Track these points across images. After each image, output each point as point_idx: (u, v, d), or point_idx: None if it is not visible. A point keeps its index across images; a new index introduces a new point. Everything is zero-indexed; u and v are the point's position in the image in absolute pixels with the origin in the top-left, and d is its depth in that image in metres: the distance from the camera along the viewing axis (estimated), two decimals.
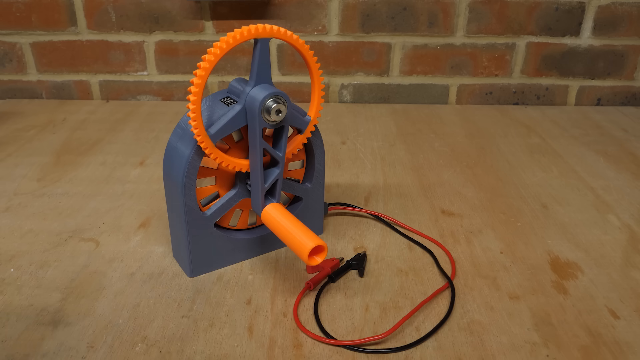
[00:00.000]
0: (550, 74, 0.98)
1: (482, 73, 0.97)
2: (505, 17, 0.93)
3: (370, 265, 0.54)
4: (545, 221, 0.62)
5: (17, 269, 0.52)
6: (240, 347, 0.44)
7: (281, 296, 0.49)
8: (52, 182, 0.69)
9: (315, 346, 0.44)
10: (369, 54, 0.96)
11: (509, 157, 0.78)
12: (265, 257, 0.55)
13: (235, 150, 0.50)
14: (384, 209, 0.64)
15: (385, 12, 0.93)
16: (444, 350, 0.44)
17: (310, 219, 0.56)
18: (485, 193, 0.68)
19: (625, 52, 0.96)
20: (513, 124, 0.90)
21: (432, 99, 1.00)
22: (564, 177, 0.72)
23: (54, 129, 0.85)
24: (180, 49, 0.95)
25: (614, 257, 0.56)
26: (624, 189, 0.69)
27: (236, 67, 0.96)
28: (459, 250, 0.56)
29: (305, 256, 0.44)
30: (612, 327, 0.46)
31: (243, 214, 0.53)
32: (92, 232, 0.58)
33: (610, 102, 1.00)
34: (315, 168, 0.54)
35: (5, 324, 0.45)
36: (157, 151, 0.78)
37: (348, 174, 0.72)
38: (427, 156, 0.78)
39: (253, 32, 0.44)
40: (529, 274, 0.53)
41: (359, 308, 0.48)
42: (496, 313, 0.48)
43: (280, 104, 0.46)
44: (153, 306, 0.48)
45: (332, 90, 0.99)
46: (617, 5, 0.93)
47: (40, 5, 0.91)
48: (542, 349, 0.44)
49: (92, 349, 0.43)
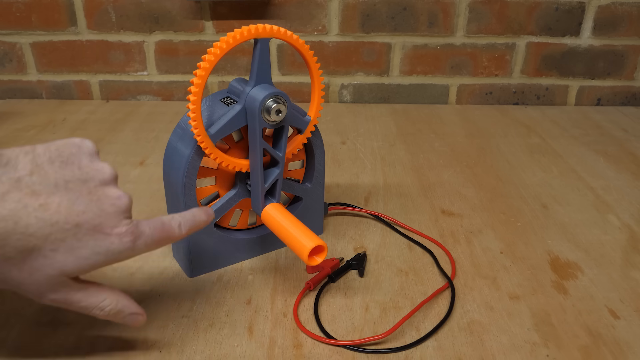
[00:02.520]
0: (550, 74, 0.98)
1: (482, 73, 0.97)
2: (505, 17, 0.93)
3: (370, 265, 0.54)
4: (545, 221, 0.62)
5: None
6: (240, 347, 0.44)
7: (281, 296, 0.49)
8: None
9: (315, 346, 0.44)
10: (369, 54, 0.96)
11: (509, 157, 0.78)
12: (265, 257, 0.55)
13: (235, 150, 0.50)
14: (384, 209, 0.64)
15: (385, 12, 0.93)
16: (444, 350, 0.44)
17: (310, 219, 0.56)
18: (485, 193, 0.68)
19: (625, 52, 0.96)
20: (513, 124, 0.90)
21: (432, 99, 1.00)
22: (564, 177, 0.72)
23: (54, 129, 0.85)
24: (180, 49, 0.95)
25: (614, 257, 0.56)
26: (624, 189, 0.69)
27: (236, 67, 0.96)
28: (459, 250, 0.56)
29: (305, 256, 0.44)
30: (612, 327, 0.46)
31: (243, 214, 0.53)
32: None
33: (610, 102, 1.00)
34: (315, 168, 0.54)
35: (5, 324, 0.45)
36: (157, 151, 0.78)
37: (348, 174, 0.72)
38: (427, 156, 0.78)
39: (253, 32, 0.44)
40: (529, 274, 0.53)
41: (359, 308, 0.48)
42: (496, 313, 0.48)
43: (280, 104, 0.46)
44: (153, 306, 0.48)
45: (332, 90, 0.99)
46: (617, 5, 0.93)
47: (40, 5, 0.91)
48: (542, 349, 0.44)
49: (92, 349, 0.43)
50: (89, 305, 0.37)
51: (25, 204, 0.32)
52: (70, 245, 0.34)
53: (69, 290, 0.36)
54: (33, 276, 0.34)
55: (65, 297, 0.36)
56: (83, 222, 0.34)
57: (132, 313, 0.39)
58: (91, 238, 0.34)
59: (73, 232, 0.34)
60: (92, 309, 0.37)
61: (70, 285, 0.36)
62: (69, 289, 0.36)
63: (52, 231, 0.33)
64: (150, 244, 0.37)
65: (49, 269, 0.34)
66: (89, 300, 0.37)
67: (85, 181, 0.35)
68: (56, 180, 0.34)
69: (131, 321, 0.40)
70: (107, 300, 0.38)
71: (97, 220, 0.34)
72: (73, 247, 0.34)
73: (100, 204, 0.35)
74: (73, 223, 0.33)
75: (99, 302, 0.37)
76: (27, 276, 0.34)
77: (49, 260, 0.33)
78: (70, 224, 0.33)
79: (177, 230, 0.39)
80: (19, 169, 0.33)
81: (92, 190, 0.35)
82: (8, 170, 0.33)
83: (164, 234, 0.38)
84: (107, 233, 0.35)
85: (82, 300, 0.37)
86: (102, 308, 0.37)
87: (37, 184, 0.33)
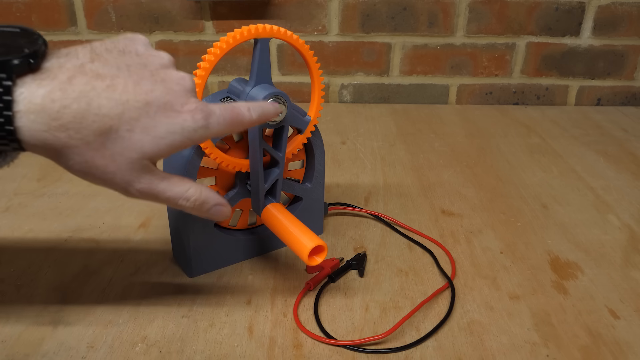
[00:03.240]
0: (550, 74, 0.98)
1: (482, 73, 0.97)
2: (505, 17, 0.93)
3: (370, 265, 0.54)
4: (545, 221, 0.62)
5: (17, 269, 0.52)
6: (240, 347, 0.44)
7: (281, 296, 0.49)
8: (52, 182, 0.69)
9: (315, 346, 0.44)
10: (369, 54, 0.96)
11: (509, 157, 0.78)
12: (265, 257, 0.55)
13: (235, 150, 0.50)
14: (384, 209, 0.64)
15: (385, 12, 0.93)
16: (444, 350, 0.44)
17: (310, 219, 0.56)
18: (485, 193, 0.68)
19: (625, 52, 0.96)
20: (513, 124, 0.90)
21: (432, 99, 1.00)
22: (564, 177, 0.72)
23: None
24: (180, 49, 0.95)
25: (614, 257, 0.56)
26: (624, 189, 0.69)
27: (236, 67, 0.96)
28: (459, 250, 0.56)
29: (305, 256, 0.44)
30: (612, 327, 0.46)
31: (243, 214, 0.53)
32: (92, 232, 0.58)
33: (610, 102, 1.00)
34: (315, 168, 0.54)
35: (5, 324, 0.45)
36: None
37: (348, 174, 0.72)
38: (427, 156, 0.78)
39: (253, 32, 0.44)
40: (529, 274, 0.53)
41: (359, 308, 0.48)
42: (496, 313, 0.48)
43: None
44: (153, 306, 0.48)
45: (332, 90, 0.99)
46: (617, 5, 0.93)
47: (40, 5, 0.91)
48: (542, 349, 0.44)
49: (92, 349, 0.43)
50: (175, 195, 0.37)
51: (93, 86, 0.32)
52: (144, 125, 0.34)
53: (152, 178, 0.36)
54: (116, 162, 0.34)
55: (150, 186, 0.36)
56: (152, 100, 0.34)
57: (216, 204, 0.39)
58: (163, 116, 0.34)
59: (145, 110, 0.34)
60: (178, 199, 0.37)
61: (154, 171, 0.36)
62: (152, 177, 0.36)
63: (124, 109, 0.33)
64: (223, 123, 0.37)
65: (129, 152, 0.34)
66: (174, 189, 0.37)
67: (146, 65, 0.35)
68: (118, 64, 0.34)
69: (216, 213, 0.39)
70: (191, 189, 0.37)
71: (166, 98, 0.34)
72: (148, 127, 0.34)
73: (165, 84, 0.35)
74: (143, 101, 0.33)
75: (184, 192, 0.37)
76: (110, 162, 0.34)
77: (127, 142, 0.33)
78: (140, 102, 0.33)
79: (247, 113, 0.39)
80: (80, 57, 0.33)
81: (154, 72, 0.35)
82: (70, 58, 0.33)
83: (235, 116, 0.38)
84: (178, 110, 0.35)
85: (167, 189, 0.36)
86: (187, 198, 0.37)
87: (101, 68, 0.33)
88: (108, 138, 0.33)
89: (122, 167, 0.34)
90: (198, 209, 0.38)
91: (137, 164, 0.34)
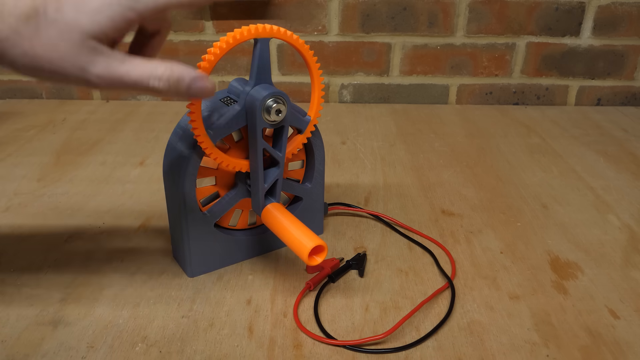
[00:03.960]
0: (550, 74, 0.98)
1: (482, 73, 0.97)
2: (505, 17, 0.93)
3: (370, 265, 0.54)
4: (545, 221, 0.62)
5: (17, 268, 0.52)
6: (240, 347, 0.44)
7: (281, 296, 0.49)
8: (52, 182, 0.69)
9: (315, 346, 0.44)
10: (369, 54, 0.96)
11: (509, 157, 0.78)
12: (265, 257, 0.55)
13: (235, 150, 0.50)
14: (384, 209, 0.64)
15: (385, 12, 0.93)
16: (444, 350, 0.44)
17: (310, 219, 0.56)
18: (485, 193, 0.68)
19: (625, 52, 0.96)
20: (513, 124, 0.90)
21: (432, 99, 1.00)
22: (564, 177, 0.72)
23: (54, 129, 0.85)
24: (180, 49, 0.95)
25: (614, 257, 0.56)
26: (624, 189, 0.69)
27: (236, 67, 0.96)
28: (459, 250, 0.56)
29: (305, 256, 0.44)
30: (612, 327, 0.46)
31: (243, 214, 0.53)
32: (92, 232, 0.58)
33: (610, 102, 1.00)
34: (315, 168, 0.54)
35: (5, 324, 0.45)
36: (157, 151, 0.78)
37: (348, 174, 0.72)
38: (427, 156, 0.78)
39: (253, 32, 0.44)
40: (529, 274, 0.53)
41: (359, 308, 0.48)
42: (496, 313, 0.48)
43: (280, 104, 0.46)
44: (153, 306, 0.48)
45: (332, 90, 0.99)
46: (617, 5, 0.93)
47: None
48: (542, 349, 0.44)
49: (92, 349, 0.43)
50: (141, 75, 0.33)
51: None
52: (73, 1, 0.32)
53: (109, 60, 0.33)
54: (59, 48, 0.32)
55: (108, 69, 0.33)
56: None
57: (194, 78, 0.35)
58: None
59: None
60: (147, 80, 0.34)
61: (108, 54, 0.33)
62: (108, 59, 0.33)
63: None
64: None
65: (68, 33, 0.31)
66: (137, 69, 0.33)
67: None
68: None
69: (198, 90, 0.36)
70: (160, 67, 0.34)
71: None
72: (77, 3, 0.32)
73: None
74: None
75: (151, 70, 0.34)
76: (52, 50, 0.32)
77: (61, 24, 0.31)
78: None
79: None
80: None
81: None
82: None
83: None
84: None
85: (130, 70, 0.33)
86: (158, 77, 0.34)
87: None
88: (38, 23, 0.31)
89: (68, 52, 0.32)
90: (175, 88, 0.34)
91: (82, 46, 0.32)
